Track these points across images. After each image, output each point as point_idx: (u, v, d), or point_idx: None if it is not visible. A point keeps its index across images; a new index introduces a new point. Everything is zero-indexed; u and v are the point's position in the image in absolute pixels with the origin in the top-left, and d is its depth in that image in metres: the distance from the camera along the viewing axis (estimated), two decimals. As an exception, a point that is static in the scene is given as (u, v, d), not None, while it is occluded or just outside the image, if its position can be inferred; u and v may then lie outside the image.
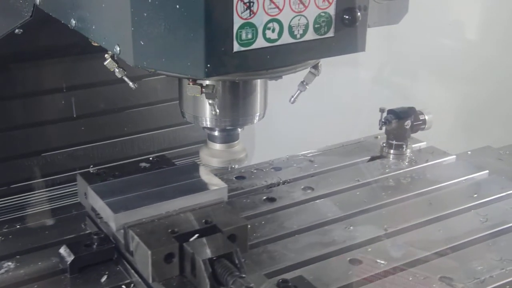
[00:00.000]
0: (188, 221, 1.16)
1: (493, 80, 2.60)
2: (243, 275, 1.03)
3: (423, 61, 2.44)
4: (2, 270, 1.21)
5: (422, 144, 1.79)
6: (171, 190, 1.22)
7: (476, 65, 2.53)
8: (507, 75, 2.60)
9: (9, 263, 1.23)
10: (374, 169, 1.66)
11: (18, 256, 1.26)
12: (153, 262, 1.08)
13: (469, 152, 1.81)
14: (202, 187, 1.24)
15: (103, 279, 1.18)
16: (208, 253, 1.07)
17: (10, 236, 1.33)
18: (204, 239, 1.11)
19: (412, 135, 1.73)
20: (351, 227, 1.38)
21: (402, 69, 2.40)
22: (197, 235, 1.12)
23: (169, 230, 1.13)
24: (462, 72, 2.52)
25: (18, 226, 1.38)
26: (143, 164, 1.36)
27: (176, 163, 1.41)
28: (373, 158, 1.72)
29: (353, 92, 2.30)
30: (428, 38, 2.41)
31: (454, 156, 1.73)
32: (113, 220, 1.14)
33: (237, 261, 1.07)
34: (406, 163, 1.69)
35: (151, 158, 1.38)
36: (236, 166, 1.26)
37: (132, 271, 1.18)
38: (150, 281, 1.09)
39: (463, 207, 1.48)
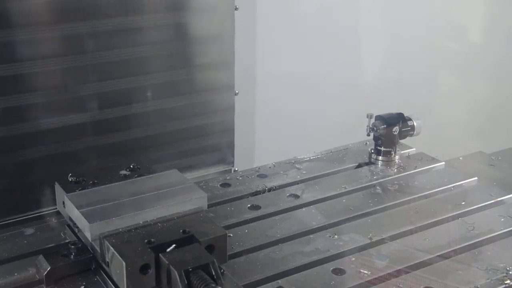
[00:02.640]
0: (165, 231, 1.14)
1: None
2: (220, 287, 1.01)
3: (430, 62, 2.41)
4: (-20, 282, 1.19)
5: (411, 151, 1.77)
6: (149, 199, 1.20)
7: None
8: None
9: (-15, 273, 1.21)
10: (361, 176, 1.63)
11: (-5, 267, 1.24)
12: (128, 273, 1.05)
13: (460, 158, 1.79)
14: (181, 196, 1.22)
15: (80, 290, 1.16)
16: (184, 264, 1.05)
17: (-12, 245, 1.31)
18: (180, 250, 1.09)
19: (408, 140, 1.71)
20: (336, 236, 1.36)
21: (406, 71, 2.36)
22: (174, 245, 1.10)
23: (146, 241, 1.10)
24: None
25: (-5, 235, 1.36)
26: (123, 172, 1.33)
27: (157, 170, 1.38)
28: (361, 165, 1.70)
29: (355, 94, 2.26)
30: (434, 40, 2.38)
31: (443, 163, 1.71)
32: (88, 230, 1.12)
33: (213, 273, 1.05)
34: (395, 170, 1.66)
35: (131, 166, 1.36)
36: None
37: (110, 282, 1.16)
38: (125, 292, 1.07)
39: (450, 215, 1.45)
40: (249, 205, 1.48)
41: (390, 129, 1.67)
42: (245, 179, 1.61)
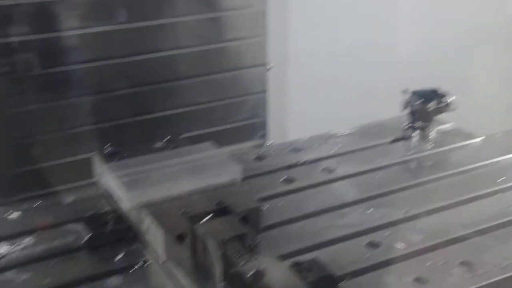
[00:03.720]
0: (200, 202, 1.15)
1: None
2: (255, 257, 1.02)
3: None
4: (21, 246, 1.23)
5: (448, 126, 1.74)
6: (185, 171, 1.21)
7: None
8: None
9: (27, 239, 1.25)
10: (396, 151, 1.62)
11: (36, 233, 1.28)
12: (166, 242, 1.07)
13: (498, 134, 1.75)
14: (215, 168, 1.23)
15: (119, 257, 1.19)
16: (219, 234, 1.06)
17: (30, 213, 1.35)
18: (215, 221, 1.10)
19: (439, 116, 1.68)
20: (370, 210, 1.35)
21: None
22: (209, 216, 1.12)
23: (182, 211, 1.12)
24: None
25: (37, 204, 1.39)
26: (158, 145, 1.35)
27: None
28: (395, 140, 1.68)
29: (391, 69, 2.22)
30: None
31: (481, 138, 1.68)
32: (125, 200, 1.14)
33: (249, 243, 1.06)
34: (430, 146, 1.64)
35: (167, 139, 1.38)
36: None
37: (147, 250, 1.18)
38: (163, 259, 1.09)
39: (488, 190, 1.43)
40: (282, 179, 1.48)
41: (425, 105, 1.64)
42: (279, 153, 1.62)
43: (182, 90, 1.65)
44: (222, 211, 1.13)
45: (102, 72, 1.51)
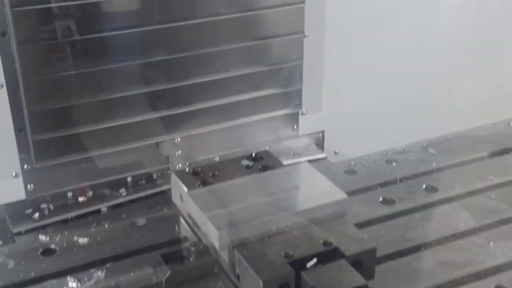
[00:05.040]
0: (303, 242, 0.97)
1: None
2: (378, 321, 0.84)
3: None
4: (92, 282, 1.08)
5: None
6: (281, 201, 1.03)
7: None
8: None
9: (99, 273, 1.10)
10: (509, 165, 1.40)
11: (107, 264, 1.12)
12: (265, 293, 0.90)
13: None
14: (318, 197, 1.05)
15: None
16: (331, 287, 0.88)
17: (99, 238, 1.20)
18: (325, 267, 0.92)
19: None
20: (491, 243, 1.15)
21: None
22: (315, 259, 0.94)
23: (283, 253, 0.94)
24: None
25: (106, 226, 1.25)
26: (245, 162, 1.18)
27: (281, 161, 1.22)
28: (506, 151, 1.46)
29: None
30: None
31: None
32: (216, 238, 0.97)
33: (366, 299, 0.88)
34: (548, 159, 1.42)
35: (253, 155, 1.20)
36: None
37: (235, 291, 1.02)
38: (261, 313, 0.92)
39: None
40: (381, 199, 1.29)
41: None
42: (372, 166, 1.42)
43: (219, 57, 1.54)
44: (330, 253, 0.95)
45: (139, 39, 1.41)
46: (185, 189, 1.07)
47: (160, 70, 1.48)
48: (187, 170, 1.16)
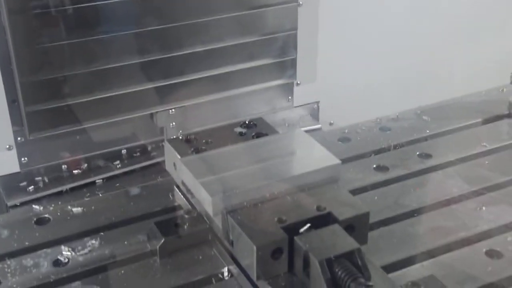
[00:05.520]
0: (297, 207, 0.98)
1: None
2: (370, 284, 0.85)
3: None
4: (86, 250, 1.08)
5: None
6: (275, 167, 1.03)
7: None
8: None
9: (93, 241, 1.10)
10: (502, 131, 1.40)
11: (101, 233, 1.13)
12: (259, 258, 0.91)
13: None
14: (311, 162, 1.04)
15: (197, 265, 1.03)
16: (325, 251, 0.89)
17: (93, 207, 1.20)
18: (318, 232, 0.93)
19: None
20: (483, 208, 1.16)
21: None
22: (308, 225, 0.94)
23: (276, 219, 0.95)
24: None
25: (100, 195, 1.25)
26: (238, 129, 1.17)
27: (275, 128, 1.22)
28: (499, 118, 1.46)
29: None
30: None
31: None
32: (209, 204, 0.97)
33: (359, 262, 0.89)
34: (543, 125, 1.42)
35: (247, 122, 1.19)
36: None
37: (231, 259, 1.02)
38: (255, 279, 0.93)
39: None
40: (374, 165, 1.29)
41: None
42: (366, 133, 1.42)
43: (212, 27, 1.53)
44: (323, 218, 0.96)
45: (132, 8, 1.40)
46: (178, 156, 1.07)
47: (153, 40, 1.47)
48: (180, 138, 1.15)
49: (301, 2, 1.63)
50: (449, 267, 1.02)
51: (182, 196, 1.16)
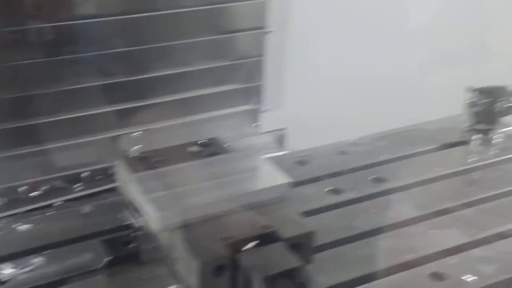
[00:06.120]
0: (242, 225, 0.98)
1: None
2: (308, 300, 0.85)
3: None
4: (30, 267, 1.06)
5: (512, 129, 1.55)
6: (224, 185, 1.04)
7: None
8: None
9: (38, 258, 1.08)
10: (455, 158, 1.43)
11: (47, 251, 1.11)
12: (200, 275, 0.90)
13: None
14: (260, 181, 1.05)
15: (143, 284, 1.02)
16: (266, 268, 0.89)
17: (40, 225, 1.18)
18: (261, 249, 0.93)
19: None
20: (431, 231, 1.17)
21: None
22: (254, 242, 0.94)
23: (220, 236, 0.95)
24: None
25: (48, 214, 1.23)
26: (192, 149, 1.18)
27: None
28: (453, 145, 1.49)
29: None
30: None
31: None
32: (154, 220, 0.97)
33: (301, 280, 0.89)
34: (494, 152, 1.45)
35: (201, 142, 1.20)
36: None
37: (177, 278, 1.01)
38: (196, 296, 0.92)
39: None
40: (329, 189, 1.30)
41: (491, 104, 1.45)
42: (323, 157, 1.43)
43: (179, 51, 1.54)
44: (268, 236, 0.96)
45: (99, 29, 1.41)
46: (128, 173, 1.07)
47: (119, 62, 1.48)
48: (133, 156, 1.15)
49: (269, 30, 1.66)
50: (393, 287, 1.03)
51: (132, 214, 1.15)
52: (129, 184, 1.06)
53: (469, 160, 1.41)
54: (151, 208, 0.98)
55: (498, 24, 2.06)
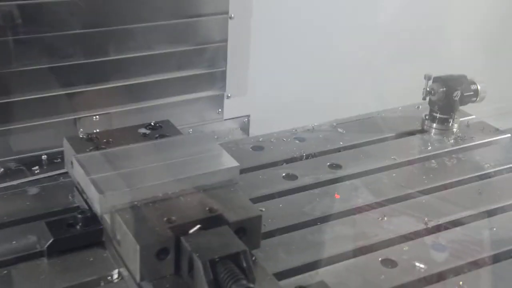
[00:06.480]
0: (188, 208, 0.95)
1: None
2: (251, 286, 0.83)
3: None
4: (-27, 246, 1.03)
5: (471, 118, 1.55)
6: (172, 167, 1.01)
7: None
8: None
9: (-20, 238, 1.05)
10: (413, 146, 1.42)
11: (-10, 232, 1.07)
12: (143, 258, 0.88)
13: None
14: (209, 164, 1.03)
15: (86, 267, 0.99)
16: (210, 252, 0.87)
17: (-14, 205, 1.15)
18: (206, 233, 0.91)
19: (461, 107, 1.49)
20: (385, 218, 1.16)
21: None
22: (198, 226, 0.92)
23: (165, 219, 0.92)
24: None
25: (-3, 193, 1.19)
26: (142, 131, 1.15)
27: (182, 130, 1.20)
28: (412, 133, 1.49)
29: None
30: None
31: (509, 135, 1.48)
32: (97, 202, 0.94)
33: (244, 264, 0.87)
34: (452, 141, 1.45)
35: (152, 124, 1.17)
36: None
37: (121, 259, 0.99)
38: (138, 279, 0.90)
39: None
40: (284, 174, 1.29)
41: (450, 93, 1.44)
42: (280, 142, 1.42)
43: (141, 34, 1.51)
44: (214, 219, 0.94)
45: (56, 11, 1.37)
46: (73, 153, 1.03)
47: (79, 44, 1.44)
48: (81, 136, 1.12)
49: (232, 15, 1.63)
50: (343, 275, 1.02)
51: (81, 196, 1.12)
52: (74, 165, 1.03)
53: (427, 149, 1.41)
54: (93, 189, 0.95)
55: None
